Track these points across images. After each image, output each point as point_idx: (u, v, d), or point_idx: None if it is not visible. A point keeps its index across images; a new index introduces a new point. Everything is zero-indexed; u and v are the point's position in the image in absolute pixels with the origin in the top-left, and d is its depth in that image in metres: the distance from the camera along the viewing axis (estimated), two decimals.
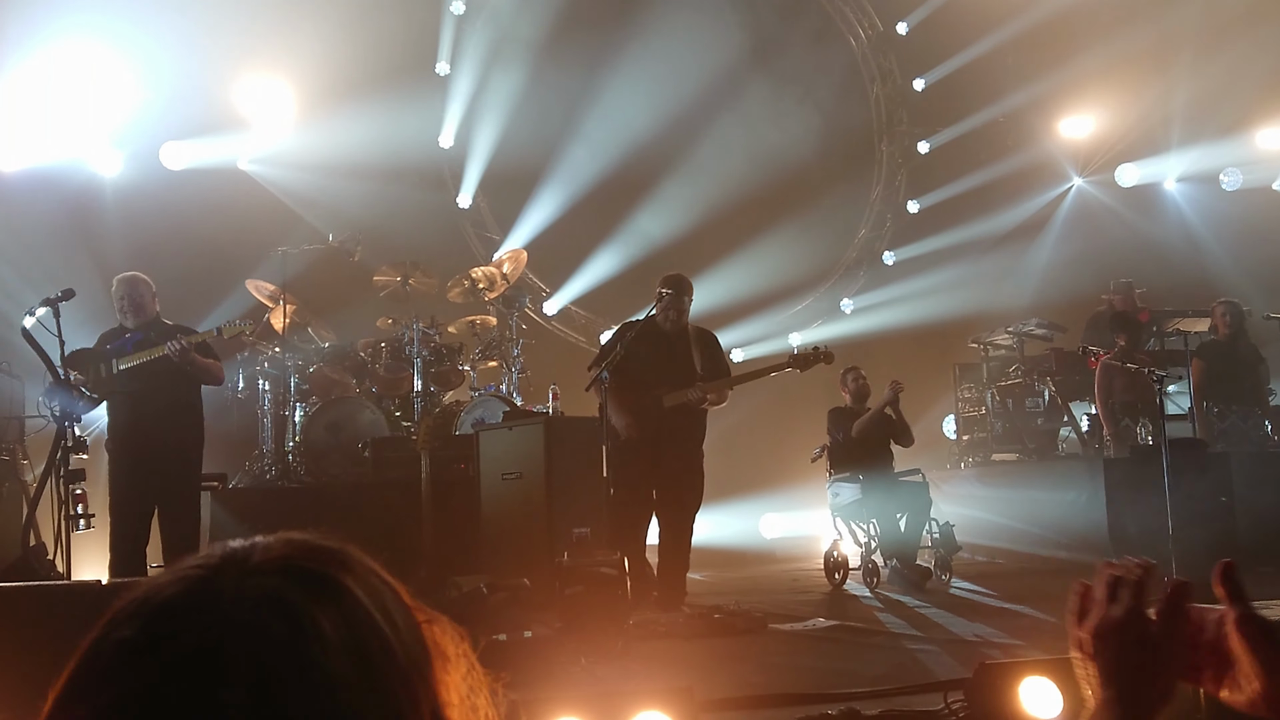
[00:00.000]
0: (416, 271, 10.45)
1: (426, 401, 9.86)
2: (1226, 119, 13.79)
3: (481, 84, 12.70)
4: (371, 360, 9.98)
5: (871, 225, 15.27)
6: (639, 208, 13.22)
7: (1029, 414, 11.78)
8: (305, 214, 11.43)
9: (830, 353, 7.54)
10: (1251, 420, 9.61)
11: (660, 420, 7.29)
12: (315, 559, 0.87)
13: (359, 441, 9.36)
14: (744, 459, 12.24)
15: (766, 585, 9.17)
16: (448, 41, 12.66)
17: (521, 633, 5.51)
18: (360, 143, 11.33)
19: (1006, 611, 7.14)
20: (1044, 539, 9.84)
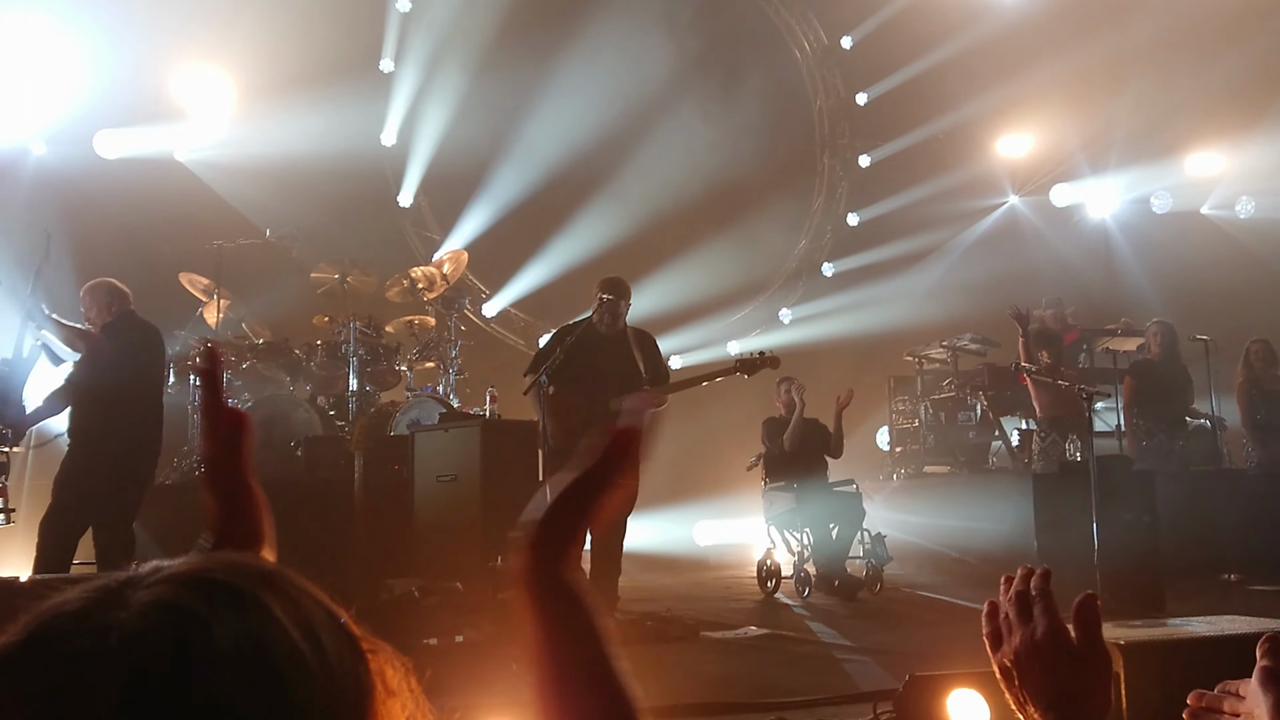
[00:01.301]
0: (355, 269, 10.35)
1: (362, 401, 9.76)
2: (1159, 143, 14.11)
3: (425, 83, 12.62)
4: (307, 358, 9.85)
5: (812, 236, 15.41)
6: (580, 212, 13.21)
7: (961, 427, 11.93)
8: (242, 208, 11.25)
9: (776, 357, 7.53)
10: (1178, 440, 9.83)
11: (604, 425, 7.24)
12: (232, 573, 0.82)
13: (291, 440, 9.23)
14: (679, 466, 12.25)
15: (699, 592, 9.19)
16: (392, 39, 12.57)
17: (453, 637, 5.47)
18: (301, 138, 11.19)
19: (936, 622, 7.22)
20: (973, 551, 9.97)
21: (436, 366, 10.41)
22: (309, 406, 9.51)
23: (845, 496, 8.83)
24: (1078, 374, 9.99)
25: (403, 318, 10.64)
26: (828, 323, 14.29)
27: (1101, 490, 6.79)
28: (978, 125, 14.80)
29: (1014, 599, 1.26)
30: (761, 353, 7.46)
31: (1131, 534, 6.87)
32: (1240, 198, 14.30)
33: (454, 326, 10.51)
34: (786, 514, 8.79)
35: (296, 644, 0.79)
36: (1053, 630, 1.21)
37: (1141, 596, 6.68)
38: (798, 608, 8.05)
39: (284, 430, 9.30)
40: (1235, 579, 8.63)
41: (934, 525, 10.48)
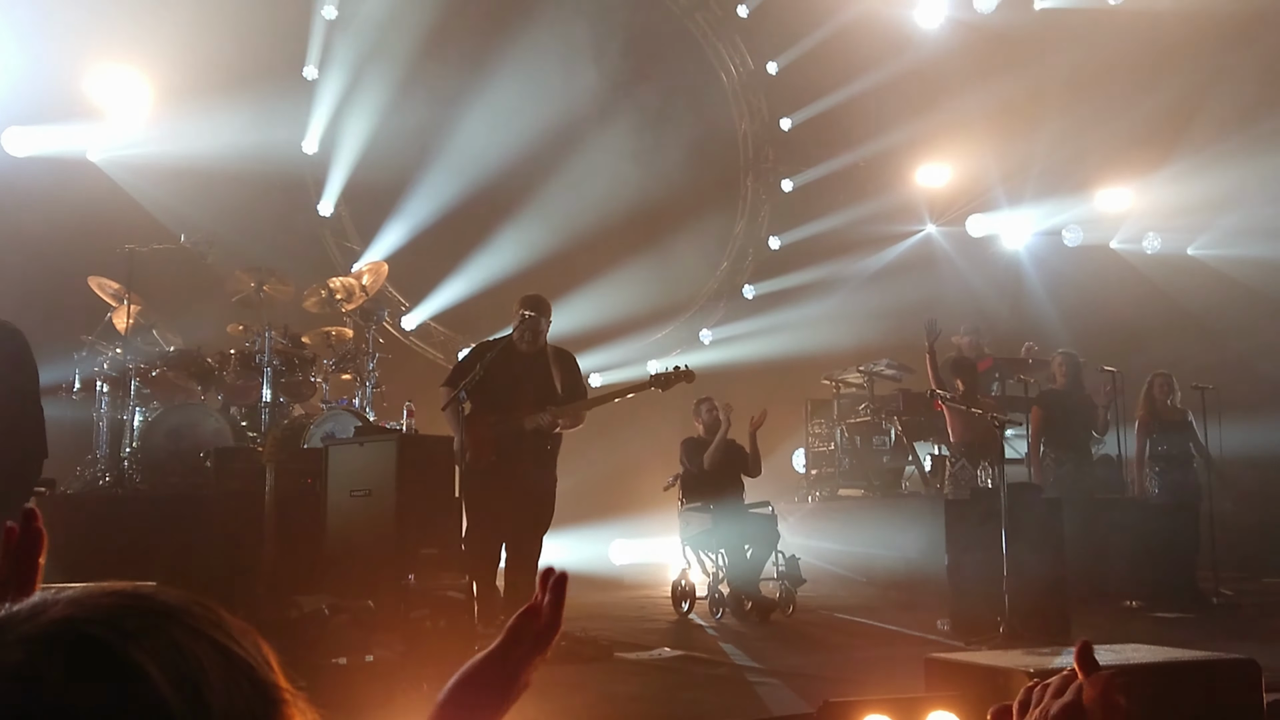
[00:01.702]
0: (272, 278, 10.16)
1: (275, 412, 9.58)
2: (1073, 177, 14.48)
3: (350, 92, 12.48)
4: (219, 367, 9.64)
5: (733, 258, 15.53)
6: (504, 227, 13.16)
7: (876, 451, 12.10)
8: (157, 212, 11.00)
9: (691, 371, 7.55)
10: (1083, 468, 10.06)
11: (519, 443, 7.22)
12: (106, 622, 0.76)
13: (201, 450, 9.01)
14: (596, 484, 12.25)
15: (614, 612, 9.16)
16: (317, 46, 12.41)
17: (363, 656, 5.37)
18: (220, 142, 10.98)
19: (849, 646, 7.28)
20: (886, 575, 10.11)
21: (353, 379, 10.25)
22: (220, 417, 9.31)
23: (761, 518, 8.87)
24: (992, 402, 10.17)
25: (320, 328, 10.47)
26: (747, 344, 14.41)
27: (1011, 517, 6.92)
28: (898, 154, 15.06)
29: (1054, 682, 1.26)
30: (677, 368, 7.49)
31: (1039, 561, 7.01)
32: (1148, 233, 14.73)
33: (372, 339, 10.37)
34: (702, 534, 8.81)
35: (165, 705, 0.73)
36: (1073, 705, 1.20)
37: (1047, 623, 6.81)
38: (711, 629, 8.07)
39: (193, 441, 9.08)
40: (1136, 605, 8.85)
41: (847, 548, 10.60)
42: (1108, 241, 14.95)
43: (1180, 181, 13.78)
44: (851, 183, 15.27)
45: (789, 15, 14.73)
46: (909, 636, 7.33)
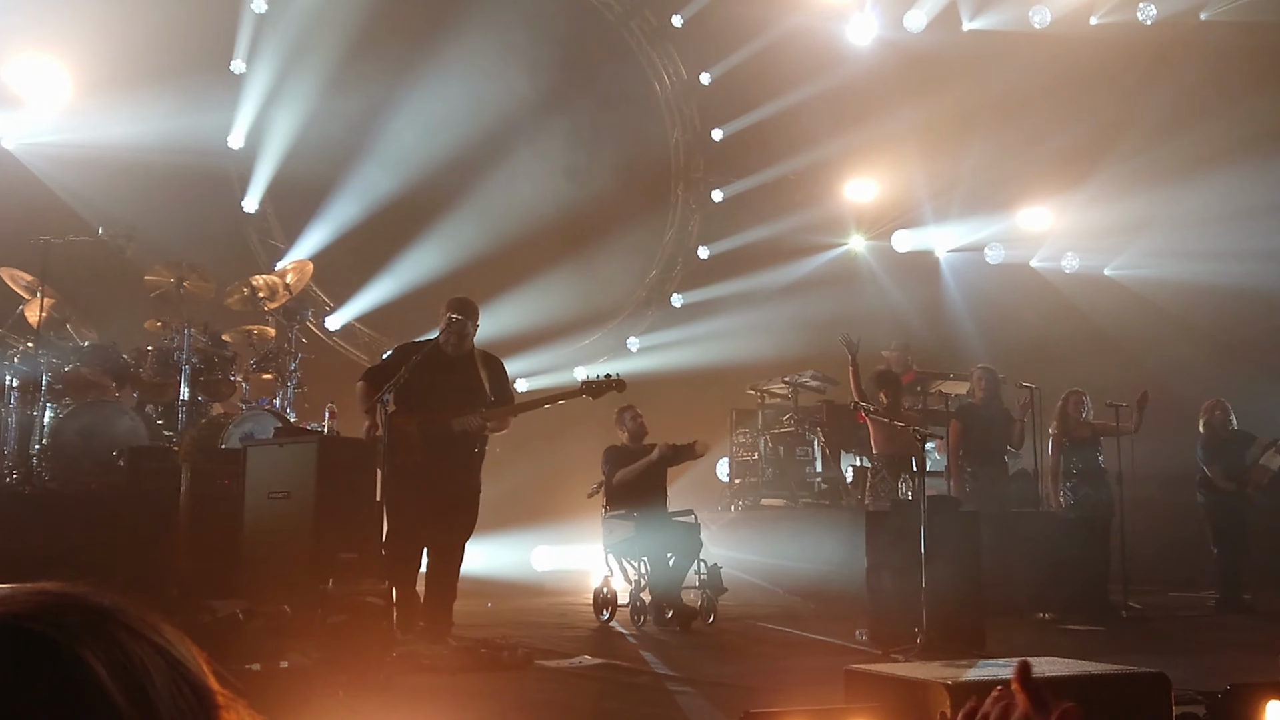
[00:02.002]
0: (193, 274, 9.94)
1: (192, 411, 9.38)
2: (996, 196, 14.76)
3: (278, 87, 12.29)
4: (135, 364, 9.42)
5: (662, 267, 15.57)
6: (432, 228, 13.05)
7: (799, 462, 12.21)
8: (74, 203, 10.73)
9: (622, 380, 7.55)
10: (999, 481, 10.24)
11: (446, 444, 7.13)
12: (52, 622, 0.74)
13: (114, 449, 8.79)
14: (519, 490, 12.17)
15: (535, 619, 9.11)
16: (245, 39, 12.20)
17: (278, 663, 5.27)
18: (142, 134, 10.74)
19: (769, 655, 7.33)
20: (806, 585, 10.18)
21: (274, 379, 10.09)
22: (135, 415, 9.09)
23: (684, 526, 8.89)
24: (914, 415, 10.32)
25: (241, 327, 10.28)
26: (674, 353, 14.44)
27: (930, 529, 7.01)
28: (827, 168, 15.22)
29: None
30: (609, 376, 7.47)
31: (956, 573, 7.11)
32: (1067, 253, 15.06)
33: (295, 338, 10.22)
34: (625, 542, 8.80)
35: (112, 702, 0.72)
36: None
37: (964, 634, 6.91)
38: (632, 637, 8.06)
39: (106, 439, 8.85)
40: (1049, 618, 9.03)
41: (769, 557, 10.66)
42: (1028, 260, 15.27)
43: (1099, 203, 14.13)
44: (780, 195, 15.39)
45: (723, 27, 14.82)
46: (828, 646, 7.39)
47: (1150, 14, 13.81)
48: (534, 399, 7.86)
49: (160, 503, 7.83)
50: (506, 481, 11.96)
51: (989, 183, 14.60)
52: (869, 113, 14.44)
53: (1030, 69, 13.88)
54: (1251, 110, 13.01)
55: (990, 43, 14.26)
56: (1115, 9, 13.91)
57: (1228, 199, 12.97)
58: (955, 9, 14.25)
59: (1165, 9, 13.77)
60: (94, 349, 9.42)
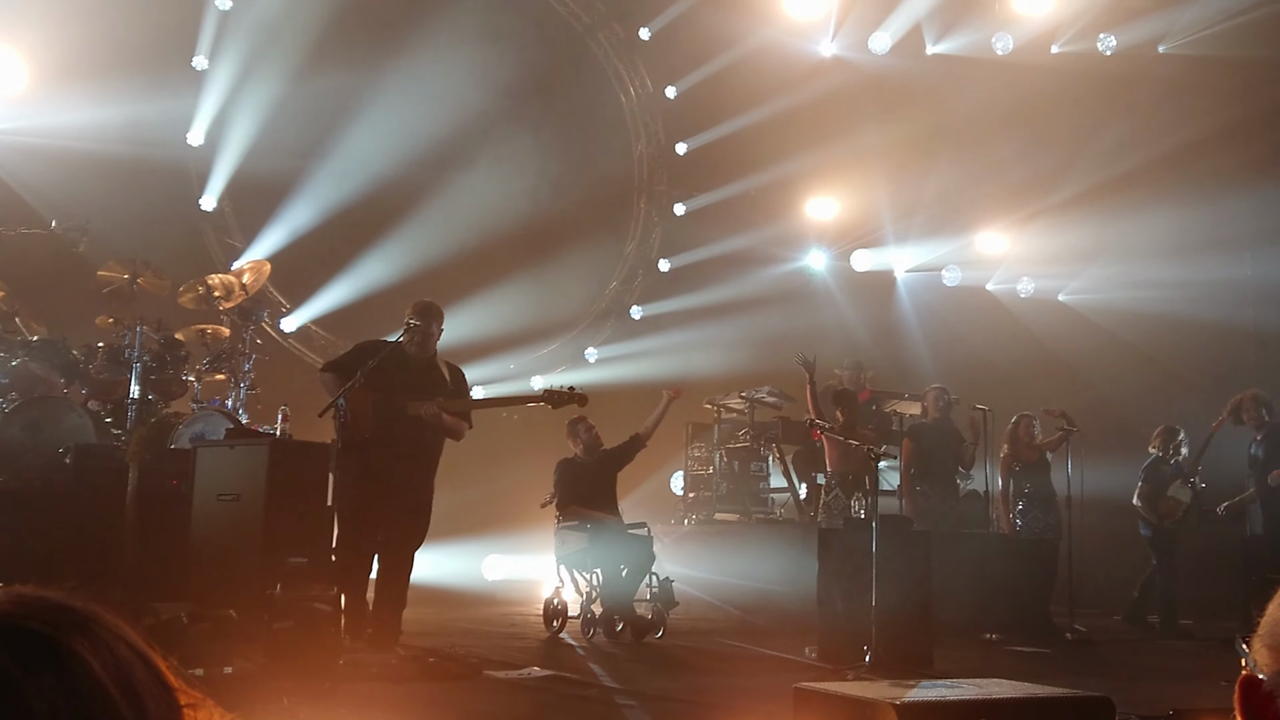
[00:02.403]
0: (147, 271, 9.80)
1: (142, 410, 9.23)
2: (955, 219, 14.91)
3: (240, 85, 12.18)
4: (85, 360, 9.27)
5: (623, 279, 15.57)
6: (393, 232, 12.97)
7: (754, 477, 12.25)
8: (27, 195, 10.56)
9: (584, 396, 7.48)
10: (949, 501, 10.32)
11: (398, 425, 7.02)
12: (47, 620, 0.76)
13: (60, 446, 8.63)
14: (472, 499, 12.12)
15: (484, 629, 9.07)
16: (209, 36, 12.08)
17: (222, 668, 5.20)
18: (100, 128, 10.60)
19: (718, 670, 7.32)
20: (757, 600, 10.20)
21: (227, 379, 9.97)
22: (83, 411, 8.93)
23: (637, 539, 8.88)
24: (870, 434, 10.38)
25: (195, 326, 10.15)
26: (632, 365, 14.44)
27: (882, 548, 7.05)
28: (790, 185, 15.29)
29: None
30: (571, 388, 7.41)
31: (906, 592, 7.15)
32: (1022, 278, 15.24)
33: (250, 339, 10.11)
34: (578, 553, 8.78)
35: (114, 702, 0.74)
36: None
37: (912, 653, 6.95)
38: (582, 649, 8.03)
39: (52, 435, 8.68)
40: (996, 639, 9.10)
41: (722, 572, 10.67)
42: (984, 283, 15.43)
43: (1054, 229, 14.31)
44: (743, 210, 15.45)
45: (690, 41, 14.86)
46: (778, 663, 7.40)
47: (1110, 45, 14.03)
48: (492, 399, 7.80)
49: (106, 502, 7.70)
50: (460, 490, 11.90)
51: (949, 205, 14.75)
52: (832, 132, 14.54)
53: (992, 95, 14.05)
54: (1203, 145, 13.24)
55: (954, 68, 14.42)
56: (1076, 38, 14.11)
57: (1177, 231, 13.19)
58: (919, 33, 14.40)
59: (1125, 40, 13.99)
60: (43, 344, 9.25)
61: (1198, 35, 13.40)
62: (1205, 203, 12.90)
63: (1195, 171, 13.10)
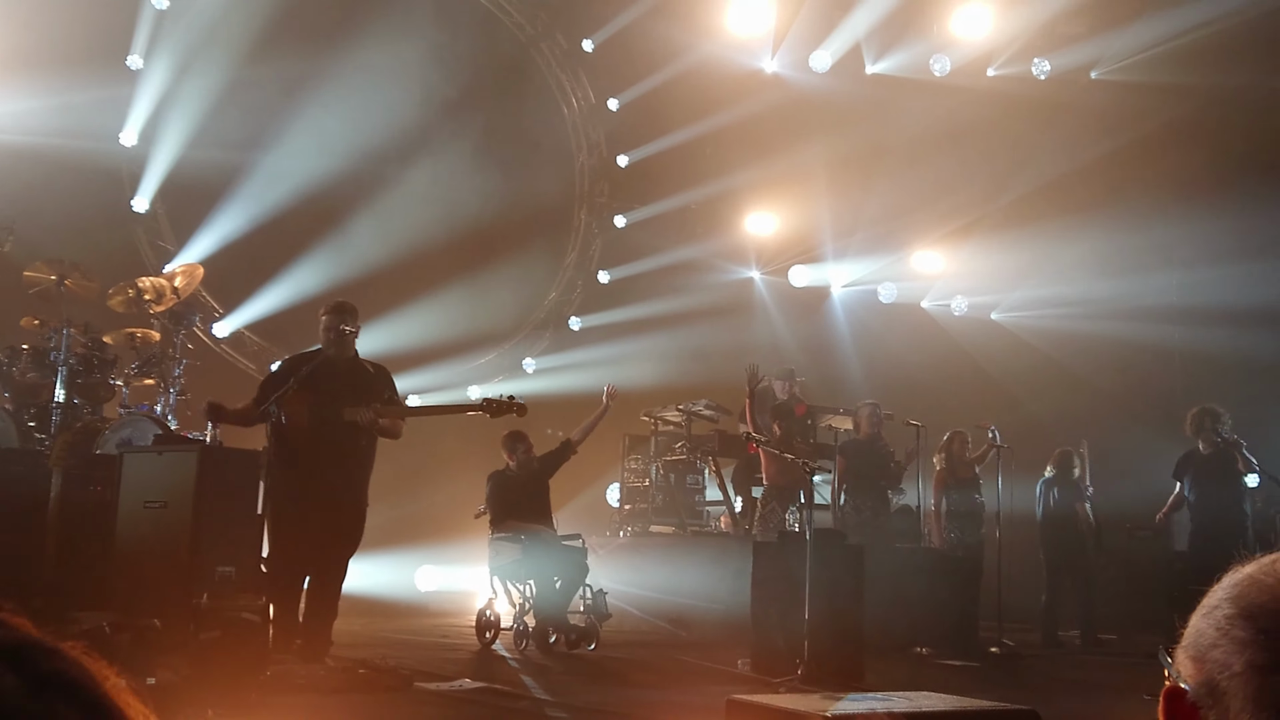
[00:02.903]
0: (76, 272, 9.59)
1: (67, 414, 9.01)
2: (891, 238, 15.10)
3: (175, 85, 11.99)
4: (9, 362, 9.04)
5: (562, 289, 15.55)
6: (329, 238, 12.83)
7: (689, 490, 12.27)
8: None
9: (524, 406, 7.43)
10: (881, 516, 10.41)
11: (334, 433, 6.93)
12: (25, 636, 0.74)
13: None
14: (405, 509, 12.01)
15: (416, 640, 8.99)
16: (144, 35, 11.87)
17: (144, 679, 5.08)
18: (28, 125, 10.38)
19: (651, 684, 7.31)
20: (692, 612, 10.22)
21: (157, 384, 9.77)
22: (5, 415, 8.72)
23: (571, 551, 8.85)
24: (806, 448, 10.45)
25: (124, 329, 9.94)
26: (570, 376, 14.40)
27: (816, 561, 7.10)
28: (729, 200, 15.39)
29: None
30: (510, 398, 7.36)
31: (839, 605, 7.20)
32: (956, 296, 15.47)
33: (180, 344, 9.93)
34: (511, 565, 8.73)
35: (110, 708, 0.73)
36: None
37: (844, 666, 7.00)
38: (514, 661, 7.99)
39: None
40: (926, 652, 9.20)
41: (656, 584, 10.67)
42: (919, 300, 15.63)
43: (987, 249, 14.55)
44: (682, 224, 15.52)
45: (633, 54, 14.91)
46: (711, 675, 7.41)
47: (1044, 69, 14.31)
48: (430, 408, 7.73)
49: (28, 508, 7.52)
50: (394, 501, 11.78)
51: (886, 223, 14.94)
52: (773, 148, 14.67)
53: (930, 116, 14.27)
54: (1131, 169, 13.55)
55: (892, 88, 14.61)
56: (1011, 62, 14.38)
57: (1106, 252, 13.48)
58: (859, 53, 14.58)
59: (1059, 65, 14.29)
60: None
61: (1129, 61, 13.72)
62: (1134, 225, 13.20)
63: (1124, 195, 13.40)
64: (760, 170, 14.82)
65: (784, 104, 14.68)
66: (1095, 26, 14.00)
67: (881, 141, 14.52)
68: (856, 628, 7.39)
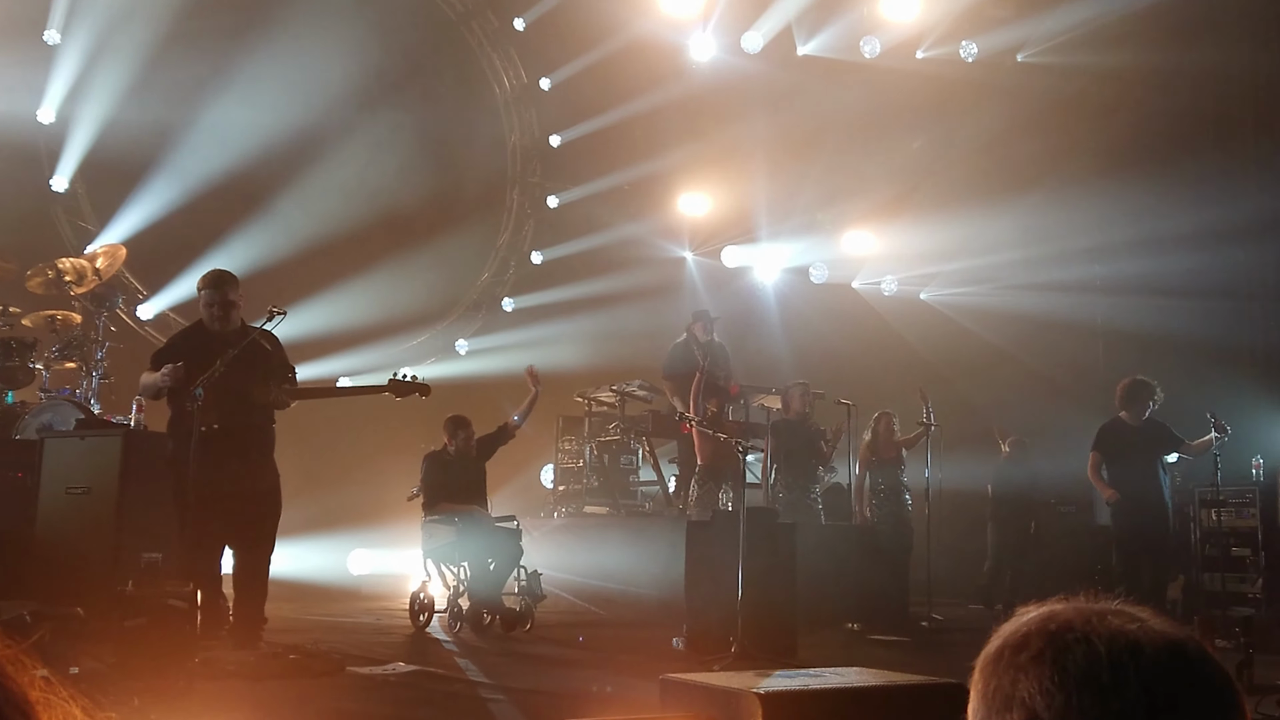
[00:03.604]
0: None
1: None
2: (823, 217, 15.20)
3: (94, 61, 11.66)
4: None
5: (495, 270, 15.45)
6: (256, 218, 12.60)
7: (623, 470, 12.29)
8: None
9: (427, 386, 7.44)
10: (811, 495, 10.52)
11: (243, 413, 6.81)
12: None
13: None
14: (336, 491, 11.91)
15: (349, 624, 8.91)
16: (61, 9, 11.52)
17: (68, 668, 4.98)
18: None
19: (585, 663, 7.33)
20: (626, 592, 10.25)
21: (78, 368, 9.54)
22: None
23: (505, 532, 8.83)
24: (737, 427, 10.51)
25: (44, 311, 9.68)
26: (503, 357, 14.31)
27: (749, 540, 7.15)
28: (663, 181, 15.36)
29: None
30: (414, 378, 7.35)
31: (771, 583, 7.27)
32: (886, 276, 15.62)
33: (103, 326, 9.71)
34: (445, 547, 8.69)
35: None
36: None
37: (777, 643, 7.07)
38: (448, 643, 7.96)
39: None
40: (857, 628, 9.33)
41: (591, 565, 10.69)
42: (850, 281, 15.76)
43: (916, 230, 14.70)
44: (615, 204, 15.48)
45: (565, 33, 14.82)
46: (646, 654, 7.44)
47: (971, 52, 14.47)
48: (337, 389, 7.64)
49: None
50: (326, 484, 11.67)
51: (817, 204, 15.03)
52: (705, 128, 14.68)
53: (859, 95, 14.36)
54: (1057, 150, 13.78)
55: (824, 69, 14.68)
56: (939, 44, 14.52)
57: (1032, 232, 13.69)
58: (790, 34, 14.62)
59: (986, 48, 14.45)
60: None
61: (1054, 43, 13.92)
62: (1059, 205, 13.42)
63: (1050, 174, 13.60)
64: (693, 151, 14.83)
65: (717, 85, 14.69)
66: (1022, 9, 14.17)
67: (814, 123, 14.59)
68: (789, 605, 7.46)
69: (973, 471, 11.89)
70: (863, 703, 3.99)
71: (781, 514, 9.00)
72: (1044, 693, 0.99)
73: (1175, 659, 1.00)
